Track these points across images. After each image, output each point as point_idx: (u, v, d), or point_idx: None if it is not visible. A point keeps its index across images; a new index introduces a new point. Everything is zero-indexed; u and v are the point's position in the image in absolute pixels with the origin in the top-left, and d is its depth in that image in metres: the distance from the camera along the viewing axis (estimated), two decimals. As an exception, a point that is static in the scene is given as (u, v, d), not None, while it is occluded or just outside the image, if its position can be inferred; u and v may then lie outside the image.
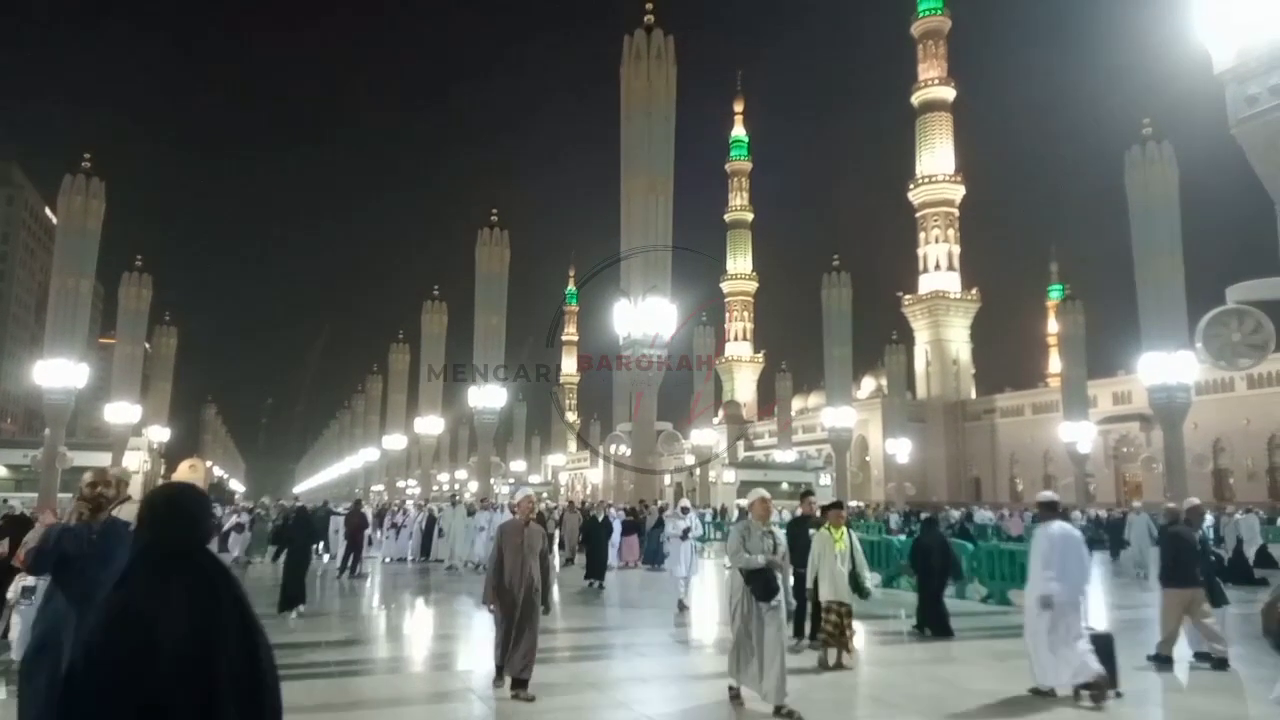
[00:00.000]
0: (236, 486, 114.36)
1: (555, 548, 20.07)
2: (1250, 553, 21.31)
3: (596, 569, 17.31)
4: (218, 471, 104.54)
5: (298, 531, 13.79)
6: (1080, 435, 49.67)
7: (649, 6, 28.58)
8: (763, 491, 7.77)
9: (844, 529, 9.39)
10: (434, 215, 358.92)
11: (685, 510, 15.83)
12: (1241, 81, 11.35)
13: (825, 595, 8.93)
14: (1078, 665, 7.47)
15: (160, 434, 59.09)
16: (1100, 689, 7.48)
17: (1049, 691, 7.71)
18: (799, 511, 11.34)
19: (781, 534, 7.61)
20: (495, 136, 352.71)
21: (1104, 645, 7.85)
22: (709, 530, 32.50)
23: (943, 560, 11.67)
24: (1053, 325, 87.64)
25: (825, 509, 9.76)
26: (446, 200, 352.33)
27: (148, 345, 56.70)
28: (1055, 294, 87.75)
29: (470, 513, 21.95)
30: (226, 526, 24.10)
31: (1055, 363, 79.48)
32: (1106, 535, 28.27)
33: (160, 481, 58.88)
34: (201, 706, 2.31)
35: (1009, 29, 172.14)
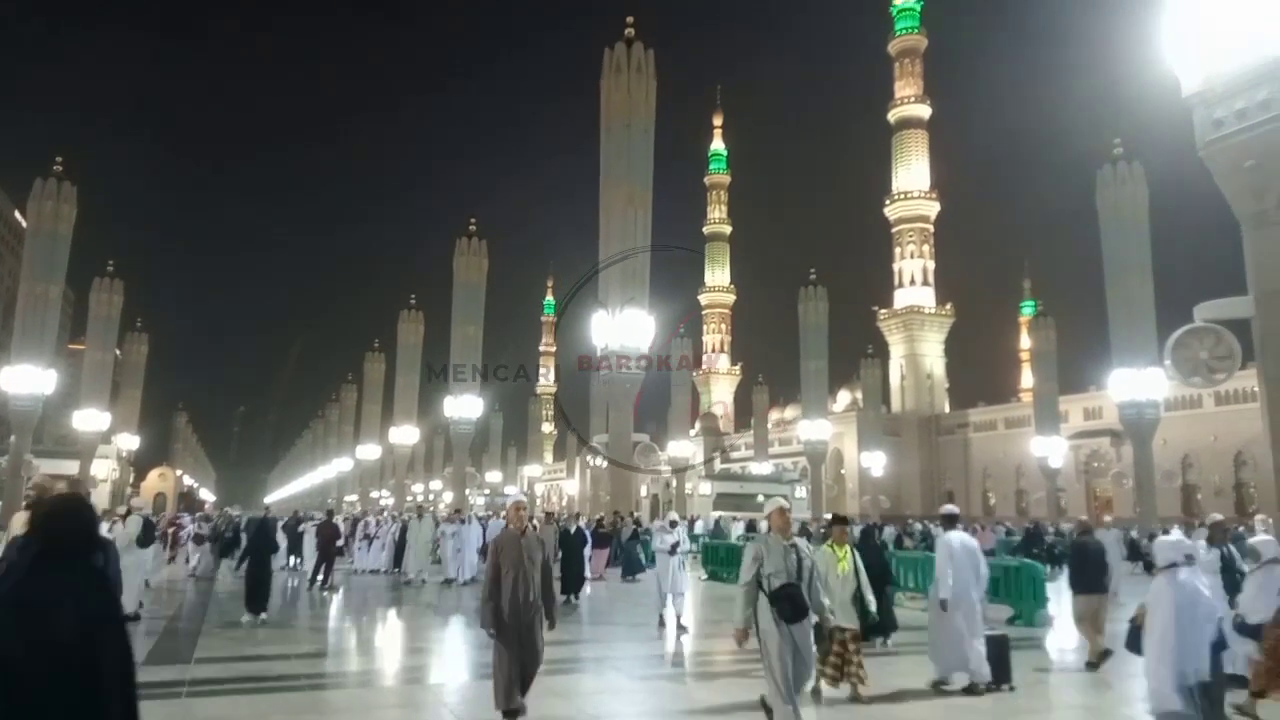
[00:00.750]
0: (206, 495, 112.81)
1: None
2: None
3: (572, 583, 16.90)
4: (187, 480, 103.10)
5: (258, 541, 14.11)
6: (1052, 450, 50.17)
7: (630, 20, 28.74)
8: (781, 501, 6.68)
9: (847, 547, 8.64)
10: (412, 224, 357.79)
11: (674, 524, 14.76)
12: (1208, 105, 11.62)
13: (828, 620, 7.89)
14: (976, 661, 8.48)
15: (129, 442, 58.25)
16: (981, 684, 8.50)
17: (943, 682, 8.70)
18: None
19: (808, 547, 6.64)
20: (475, 146, 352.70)
21: (999, 645, 8.82)
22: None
23: (880, 569, 12.00)
24: (1025, 341, 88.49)
25: (830, 524, 8.77)
26: (425, 209, 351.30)
27: (118, 352, 55.88)
28: (1028, 310, 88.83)
29: (436, 523, 21.58)
30: (186, 537, 23.69)
31: (1028, 378, 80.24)
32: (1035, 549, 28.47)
33: (129, 491, 57.97)
34: (86, 693, 2.66)
35: (984, 49, 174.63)
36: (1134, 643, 6.03)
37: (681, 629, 12.87)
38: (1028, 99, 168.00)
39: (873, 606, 8.40)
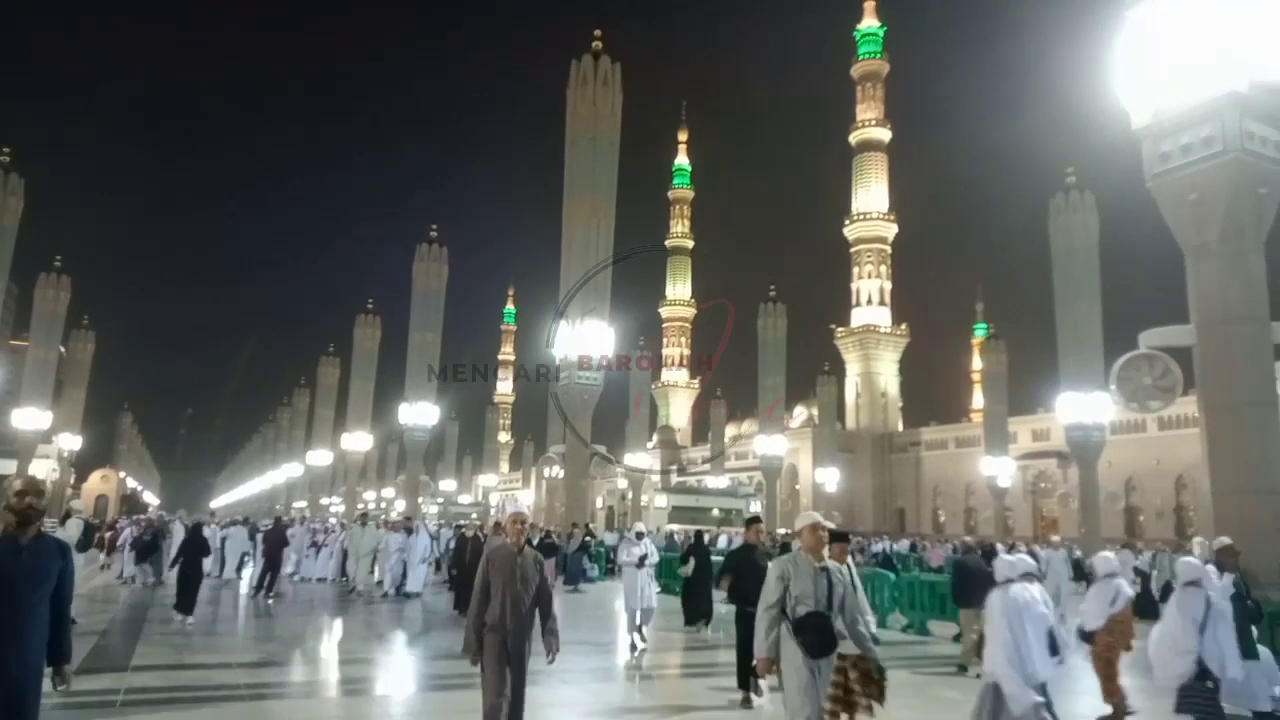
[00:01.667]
0: (150, 499, 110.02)
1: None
2: (1155, 587, 22.26)
3: None
4: (131, 483, 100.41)
5: (188, 547, 14.62)
6: (1000, 470, 51.11)
7: (597, 33, 28.86)
8: (815, 515, 5.95)
9: (846, 566, 7.46)
10: (372, 228, 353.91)
11: (640, 535, 13.89)
12: (1156, 139, 12.02)
13: None
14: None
15: (71, 442, 56.61)
16: None
17: None
18: (743, 539, 10.32)
19: (841, 570, 5.82)
20: (439, 153, 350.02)
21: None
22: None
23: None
24: (977, 362, 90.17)
25: (834, 540, 7.53)
26: (385, 214, 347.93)
27: (63, 349, 54.33)
28: (980, 332, 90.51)
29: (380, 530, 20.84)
30: (123, 542, 22.87)
31: (979, 398, 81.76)
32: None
33: (69, 492, 56.26)
34: None
35: (945, 77, 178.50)
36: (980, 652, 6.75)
37: (634, 646, 12.45)
38: (985, 127, 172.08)
39: (873, 627, 7.43)
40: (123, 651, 10.86)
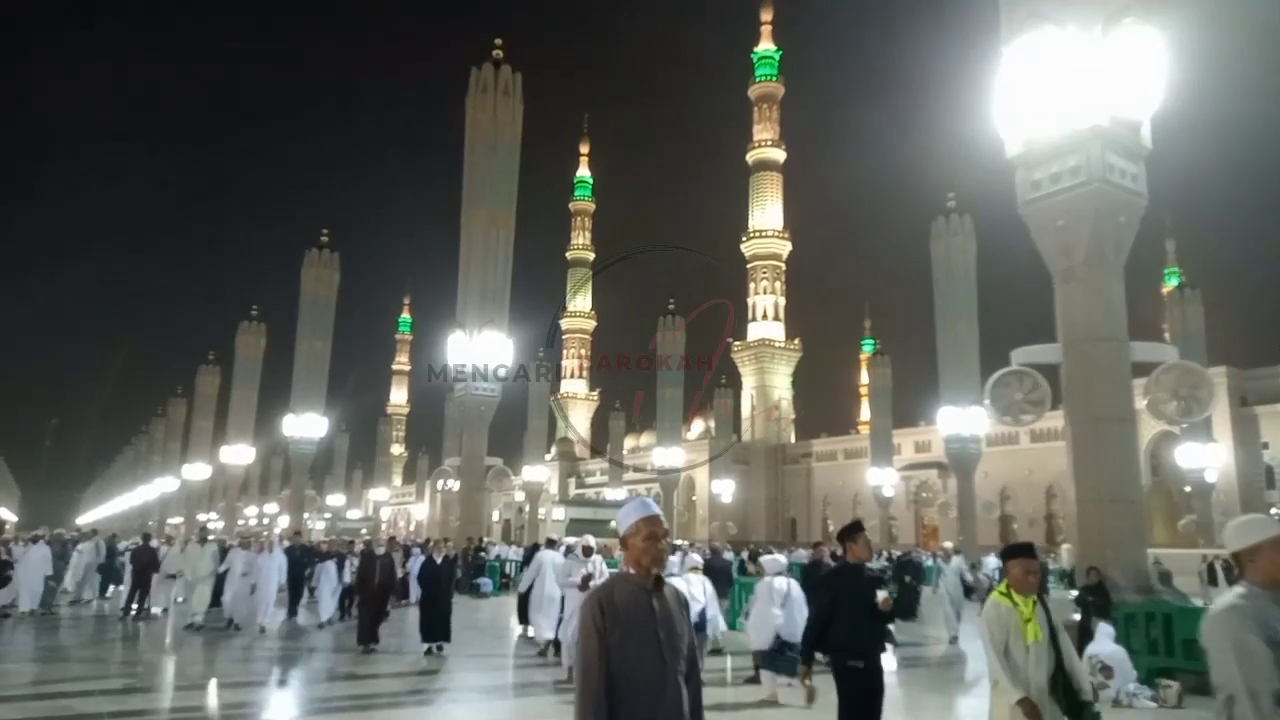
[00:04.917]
0: (8, 515, 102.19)
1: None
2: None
3: (439, 627, 13.12)
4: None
5: None
6: (885, 480, 52.98)
7: (498, 42, 28.65)
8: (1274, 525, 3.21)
9: (1034, 599, 4.74)
10: (258, 232, 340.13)
11: (588, 551, 11.69)
12: (1028, 168, 12.76)
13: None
14: (562, 632, 11.74)
15: (-86, 455, 52.17)
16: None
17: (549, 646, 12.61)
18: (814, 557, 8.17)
19: None
20: (332, 157, 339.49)
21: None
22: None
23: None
24: (865, 376, 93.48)
25: (1005, 558, 4.96)
26: (273, 217, 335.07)
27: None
28: (867, 348, 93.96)
29: (224, 550, 17.83)
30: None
31: (866, 411, 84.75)
32: (908, 576, 29.85)
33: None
34: None
35: (836, 101, 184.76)
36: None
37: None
38: (874, 151, 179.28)
39: (1087, 695, 4.79)
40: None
